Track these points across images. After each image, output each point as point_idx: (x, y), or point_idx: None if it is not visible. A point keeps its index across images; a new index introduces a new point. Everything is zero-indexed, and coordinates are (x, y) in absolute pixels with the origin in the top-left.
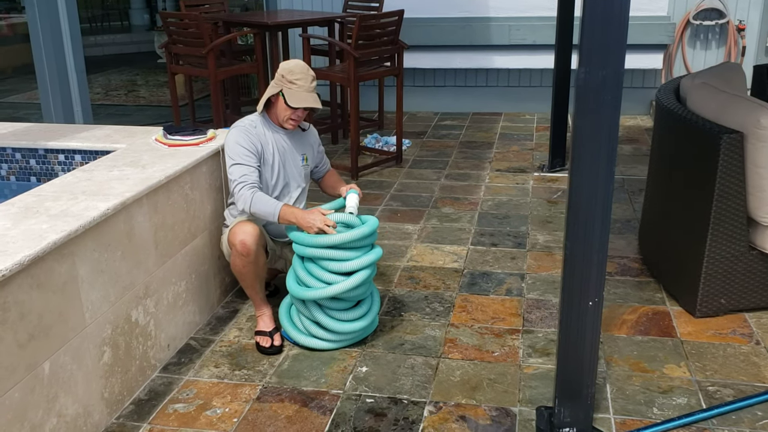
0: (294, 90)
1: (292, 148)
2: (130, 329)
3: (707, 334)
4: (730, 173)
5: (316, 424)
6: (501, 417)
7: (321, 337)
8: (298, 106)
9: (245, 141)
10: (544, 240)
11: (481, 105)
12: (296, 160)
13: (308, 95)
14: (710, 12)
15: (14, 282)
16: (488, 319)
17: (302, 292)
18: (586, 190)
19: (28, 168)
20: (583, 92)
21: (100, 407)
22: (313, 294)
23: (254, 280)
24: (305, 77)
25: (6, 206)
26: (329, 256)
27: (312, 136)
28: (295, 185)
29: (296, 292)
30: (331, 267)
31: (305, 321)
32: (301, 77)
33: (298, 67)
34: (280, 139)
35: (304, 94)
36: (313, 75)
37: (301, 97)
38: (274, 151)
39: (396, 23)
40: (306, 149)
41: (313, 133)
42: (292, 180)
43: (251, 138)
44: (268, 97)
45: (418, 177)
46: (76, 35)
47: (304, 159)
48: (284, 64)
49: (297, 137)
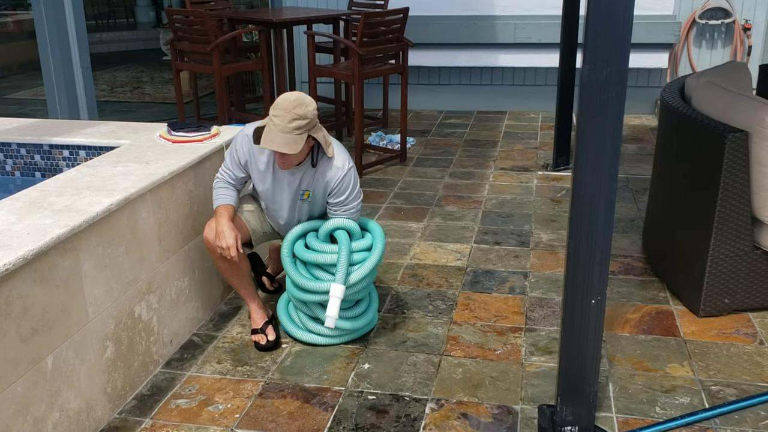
0: (269, 127)
1: (292, 180)
2: (133, 324)
3: (711, 334)
4: (735, 172)
5: (318, 421)
6: (503, 415)
7: (318, 332)
8: (262, 145)
9: (238, 149)
10: (548, 239)
11: (486, 103)
12: (291, 189)
13: (279, 135)
14: (716, 11)
15: (18, 276)
16: (491, 317)
17: (302, 294)
18: (590, 188)
19: (33, 163)
20: (588, 91)
21: (102, 402)
22: (312, 298)
23: (229, 274)
24: (284, 115)
25: (11, 201)
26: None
27: (327, 173)
28: (286, 215)
29: (296, 293)
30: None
31: (302, 317)
32: (280, 114)
33: (284, 103)
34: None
35: (275, 134)
36: (299, 114)
37: (270, 138)
38: (267, 173)
39: (401, 21)
40: (310, 185)
41: (329, 171)
42: (289, 207)
43: (244, 148)
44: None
45: (422, 175)
46: (81, 32)
47: (305, 194)
48: (281, 96)
49: (302, 170)
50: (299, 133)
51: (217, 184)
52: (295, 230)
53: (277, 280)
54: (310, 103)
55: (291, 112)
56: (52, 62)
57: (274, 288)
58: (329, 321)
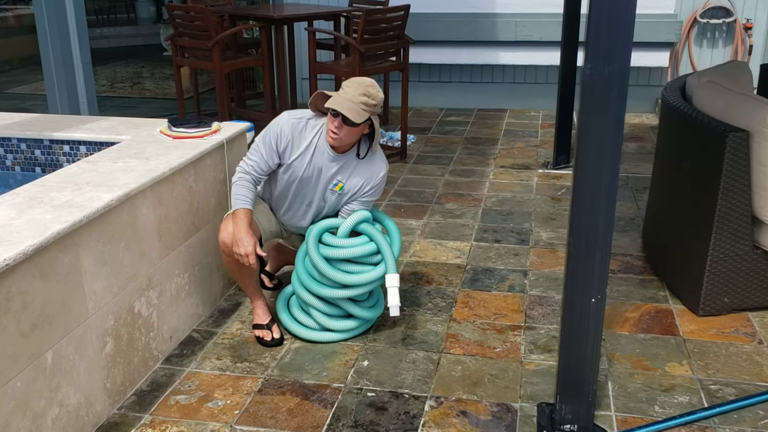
0: (338, 95)
1: (330, 167)
2: (132, 320)
3: (710, 333)
4: (735, 172)
5: (317, 417)
6: (502, 413)
7: (337, 329)
8: (328, 104)
9: (275, 133)
10: (548, 237)
11: (487, 101)
12: (327, 181)
13: (346, 102)
14: (717, 10)
15: (18, 271)
16: (490, 315)
17: (336, 292)
18: (590, 187)
19: (33, 158)
20: (589, 89)
21: (102, 397)
22: (348, 293)
23: (240, 275)
24: (357, 88)
25: (11, 196)
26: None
27: (368, 171)
28: (315, 209)
29: (327, 292)
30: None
31: (318, 315)
32: (353, 86)
33: (359, 79)
34: (323, 151)
35: (343, 100)
36: (370, 93)
37: (337, 101)
38: (305, 157)
39: (402, 18)
40: (347, 177)
41: (371, 169)
42: (315, 200)
43: (283, 133)
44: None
45: (422, 172)
46: (82, 27)
47: (337, 186)
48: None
49: (344, 160)
50: (364, 109)
51: (239, 181)
52: (315, 229)
53: (277, 277)
54: (381, 92)
55: (364, 87)
56: (52, 57)
57: (273, 285)
58: (395, 310)
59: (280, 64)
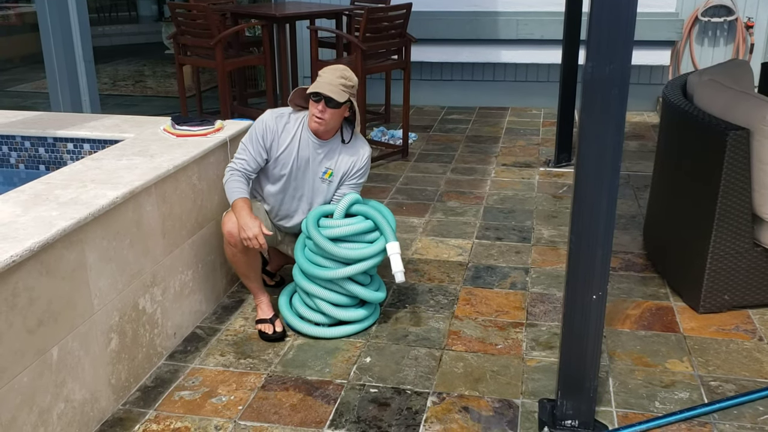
0: (316, 82)
1: (316, 156)
2: (137, 317)
3: (710, 330)
4: (736, 170)
5: (320, 413)
6: (504, 408)
7: (323, 319)
8: (309, 90)
9: (260, 129)
10: (549, 235)
11: (488, 99)
12: (316, 170)
13: (325, 85)
14: (719, 9)
15: (24, 268)
16: (492, 312)
17: (345, 270)
18: (591, 185)
19: (37, 156)
20: (590, 87)
21: (107, 393)
22: (360, 267)
23: (246, 269)
24: (332, 72)
25: (16, 193)
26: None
27: (353, 154)
28: (307, 201)
29: (306, 274)
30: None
31: (305, 309)
32: (328, 72)
33: (332, 67)
34: (308, 141)
35: (321, 83)
36: (346, 75)
37: (318, 86)
38: (292, 149)
39: (404, 16)
40: (334, 163)
41: (356, 152)
42: (306, 192)
43: (268, 128)
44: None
45: (423, 171)
46: (84, 25)
47: (327, 173)
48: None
49: (329, 146)
50: (343, 90)
51: (231, 178)
52: (311, 215)
53: (278, 275)
54: (354, 75)
55: (340, 71)
56: (54, 55)
57: (275, 282)
58: (399, 276)
59: (282, 63)
